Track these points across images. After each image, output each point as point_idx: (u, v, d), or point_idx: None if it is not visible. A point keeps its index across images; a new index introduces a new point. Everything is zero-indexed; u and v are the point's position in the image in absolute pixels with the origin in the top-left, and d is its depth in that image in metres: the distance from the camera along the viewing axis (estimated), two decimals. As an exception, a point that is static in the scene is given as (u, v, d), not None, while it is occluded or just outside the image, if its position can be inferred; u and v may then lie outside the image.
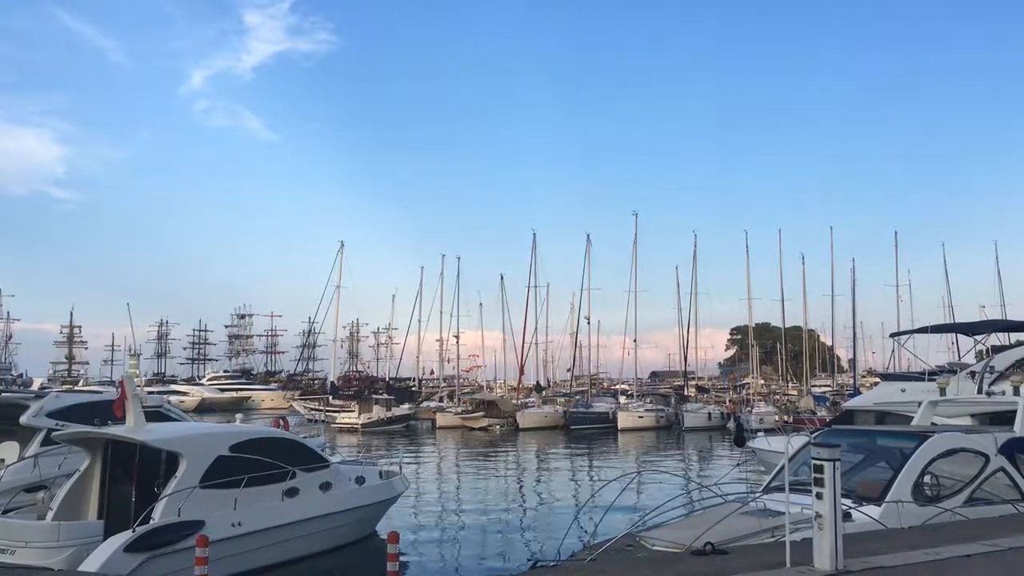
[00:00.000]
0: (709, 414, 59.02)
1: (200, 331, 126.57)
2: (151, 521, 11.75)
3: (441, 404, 66.18)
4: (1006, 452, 12.02)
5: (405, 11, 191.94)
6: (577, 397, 66.49)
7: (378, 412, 56.23)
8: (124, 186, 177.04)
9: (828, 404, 57.72)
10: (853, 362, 78.81)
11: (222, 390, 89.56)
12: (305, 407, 64.86)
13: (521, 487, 28.02)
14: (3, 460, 15.86)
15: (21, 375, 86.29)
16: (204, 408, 76.03)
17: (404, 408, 61.32)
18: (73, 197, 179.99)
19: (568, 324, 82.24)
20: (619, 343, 72.99)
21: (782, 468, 11.06)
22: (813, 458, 7.99)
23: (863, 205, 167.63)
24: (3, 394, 24.21)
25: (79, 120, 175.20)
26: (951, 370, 24.25)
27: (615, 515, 13.33)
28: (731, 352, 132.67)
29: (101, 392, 23.86)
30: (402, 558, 14.43)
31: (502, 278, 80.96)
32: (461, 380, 77.14)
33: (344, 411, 58.25)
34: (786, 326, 78.62)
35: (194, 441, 13.32)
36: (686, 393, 70.46)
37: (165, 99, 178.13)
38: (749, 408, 58.28)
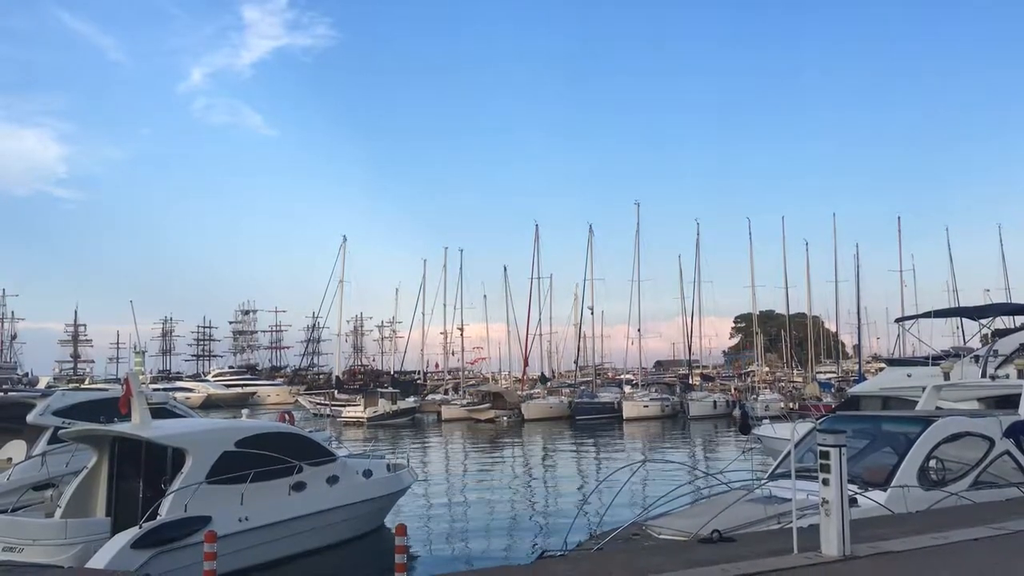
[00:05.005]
0: (714, 402, 58.98)
1: (204, 328, 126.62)
2: (158, 517, 11.81)
3: (446, 397, 66.28)
4: (1011, 435, 12.02)
5: (403, 3, 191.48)
6: (582, 388, 66.48)
7: (383, 406, 56.26)
8: (125, 184, 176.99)
9: (833, 390, 57.62)
10: (858, 348, 79.05)
11: (227, 386, 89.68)
12: (311, 402, 64.99)
13: (527, 478, 28.07)
14: (11, 459, 15.95)
15: (27, 374, 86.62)
16: (210, 404, 76.18)
17: (409, 401, 61.36)
18: (75, 196, 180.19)
19: (572, 315, 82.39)
20: (623, 333, 73.10)
21: (788, 455, 11.07)
22: (819, 444, 7.99)
23: (866, 191, 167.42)
24: (9, 393, 24.32)
25: (79, 119, 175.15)
26: (955, 355, 24.22)
27: (621, 504, 13.36)
28: (735, 340, 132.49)
29: (107, 390, 23.91)
30: (410, 550, 14.48)
31: (505, 270, 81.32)
32: (466, 372, 77.19)
33: (349, 405, 58.32)
34: (790, 313, 78.57)
35: (199, 437, 13.37)
36: (691, 382, 70.40)
37: (165, 97, 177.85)
38: (754, 396, 58.19)
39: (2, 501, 13.36)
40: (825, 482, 7.73)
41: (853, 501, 9.56)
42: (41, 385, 64.77)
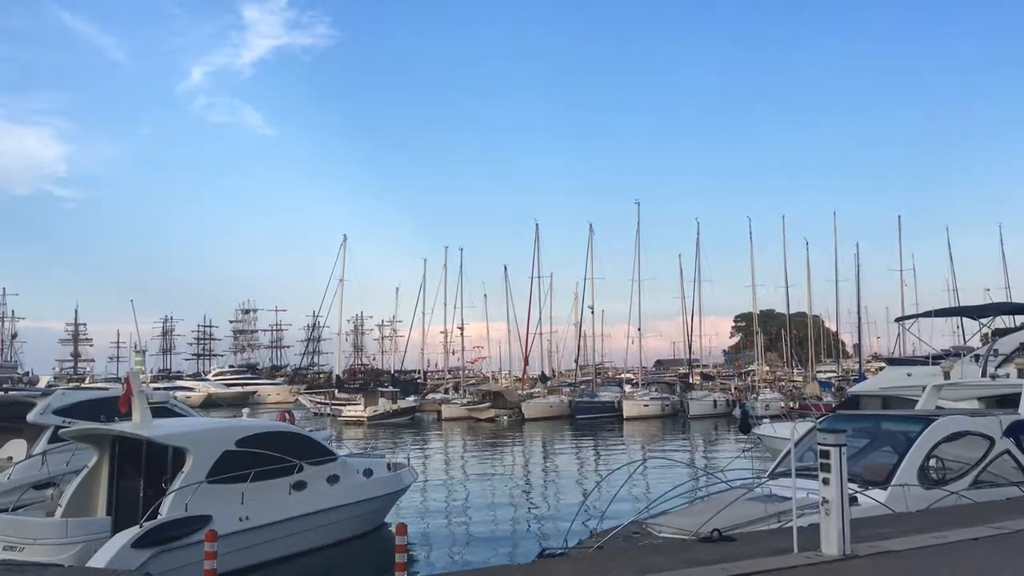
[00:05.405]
0: (714, 401, 59.00)
1: (205, 327, 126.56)
2: (158, 516, 11.81)
3: (446, 396, 66.26)
4: (1011, 434, 12.01)
5: (403, 3, 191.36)
6: (582, 387, 66.46)
7: (384, 405, 56.27)
8: (125, 183, 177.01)
9: (833, 390, 57.62)
10: (858, 347, 79.05)
11: (228, 385, 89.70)
12: (311, 401, 64.97)
13: (527, 477, 28.08)
14: (11, 458, 15.95)
15: (27, 373, 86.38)
16: (210, 403, 76.19)
17: (410, 400, 61.40)
18: (75, 195, 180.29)
19: (572, 314, 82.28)
20: (623, 332, 73.06)
21: (788, 454, 11.07)
22: (819, 443, 7.99)
23: (866, 190, 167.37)
24: (10, 392, 24.31)
25: (80, 118, 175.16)
26: (956, 354, 24.23)
27: (621, 503, 13.35)
28: (735, 339, 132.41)
29: (107, 389, 23.91)
30: (411, 549, 14.49)
31: (505, 269, 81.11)
32: (466, 372, 77.14)
33: (350, 404, 58.32)
34: (790, 312, 78.52)
35: (200, 436, 13.38)
36: (691, 381, 70.38)
37: (165, 96, 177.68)
38: (754, 395, 58.21)
39: (3, 500, 13.37)
40: (825, 481, 7.73)
41: (853, 500, 9.56)
42: (41, 384, 64.59)
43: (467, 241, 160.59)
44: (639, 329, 68.38)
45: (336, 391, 66.76)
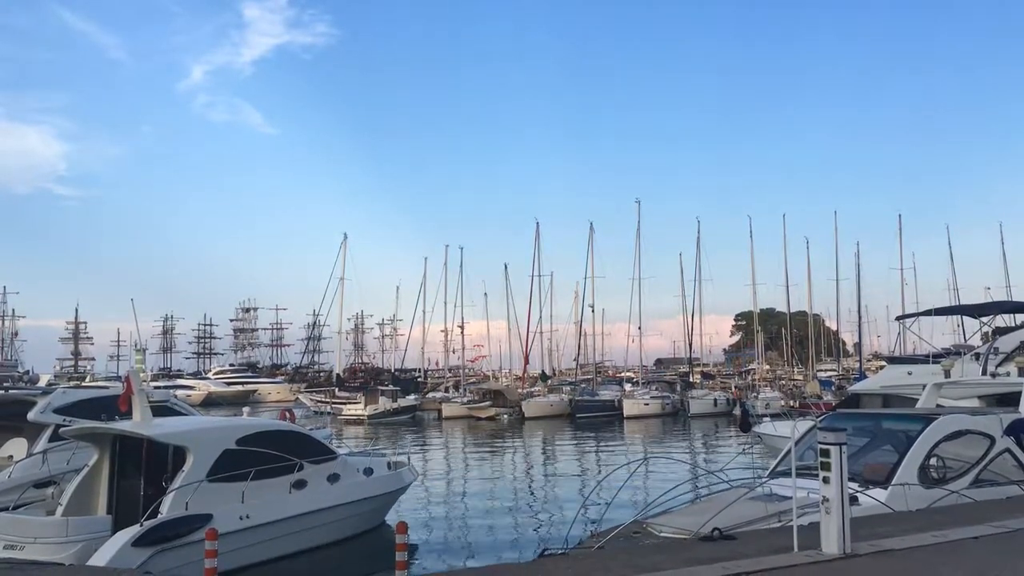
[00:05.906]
0: (715, 400, 58.98)
1: (205, 325, 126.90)
2: (159, 515, 11.82)
3: (447, 394, 66.28)
4: (1012, 433, 12.01)
5: (403, 2, 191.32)
6: (582, 385, 66.46)
7: (384, 403, 56.31)
8: (126, 182, 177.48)
9: (834, 388, 57.64)
10: (858, 346, 79.07)
11: (228, 384, 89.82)
12: (311, 399, 65.00)
13: (528, 476, 28.08)
14: (12, 456, 15.98)
15: (27, 372, 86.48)
16: (210, 402, 76.26)
17: (410, 399, 61.41)
18: (75, 194, 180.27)
19: (572, 312, 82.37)
20: (624, 331, 73.15)
21: (788, 453, 11.07)
22: (819, 442, 7.99)
23: (867, 188, 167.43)
24: (10, 391, 24.33)
25: (80, 117, 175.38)
26: (956, 352, 24.25)
27: (622, 502, 13.37)
28: (736, 338, 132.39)
29: (108, 387, 23.94)
30: (411, 548, 14.49)
31: (506, 268, 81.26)
32: (466, 370, 77.12)
33: (350, 403, 58.35)
34: (791, 311, 78.49)
35: (200, 435, 13.38)
36: (691, 380, 70.38)
37: (165, 95, 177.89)
38: (755, 394, 58.22)
39: (3, 499, 13.38)
40: (825, 480, 7.73)
41: (854, 499, 9.56)
42: (42, 383, 64.67)
43: (467, 240, 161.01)
44: (639, 328, 68.49)
45: (336, 390, 66.74)
